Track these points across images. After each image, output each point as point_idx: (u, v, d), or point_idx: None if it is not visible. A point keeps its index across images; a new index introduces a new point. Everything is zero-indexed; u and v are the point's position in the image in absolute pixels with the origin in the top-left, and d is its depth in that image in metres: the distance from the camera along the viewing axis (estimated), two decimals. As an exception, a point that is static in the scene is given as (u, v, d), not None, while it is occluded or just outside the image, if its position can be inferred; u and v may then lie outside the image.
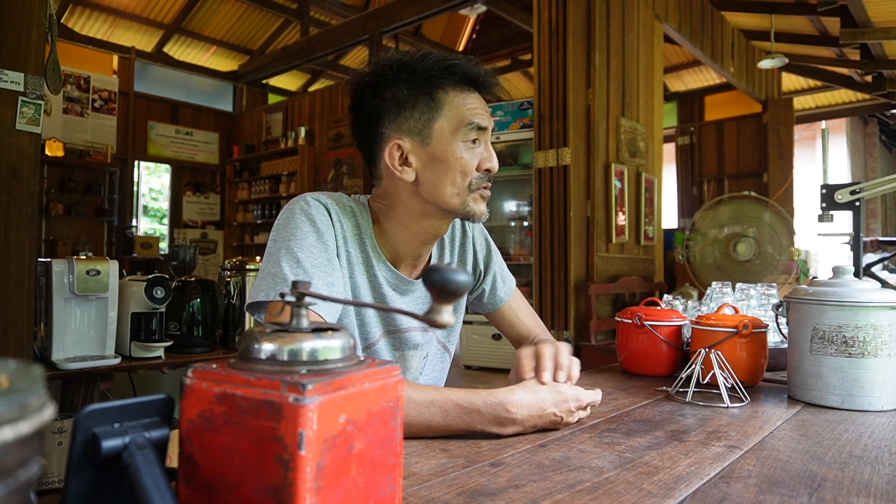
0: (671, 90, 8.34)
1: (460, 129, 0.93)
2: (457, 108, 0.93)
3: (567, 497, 0.59)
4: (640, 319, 1.26)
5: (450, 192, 0.94)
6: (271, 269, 0.89)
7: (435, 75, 0.93)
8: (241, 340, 0.47)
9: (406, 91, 0.93)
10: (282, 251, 0.89)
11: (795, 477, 0.66)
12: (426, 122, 0.93)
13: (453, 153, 0.93)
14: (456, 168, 0.93)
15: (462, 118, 0.93)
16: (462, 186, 0.94)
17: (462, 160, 0.93)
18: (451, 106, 0.93)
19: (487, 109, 0.96)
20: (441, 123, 0.93)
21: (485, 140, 0.96)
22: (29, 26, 2.11)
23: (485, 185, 0.96)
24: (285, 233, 0.91)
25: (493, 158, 0.96)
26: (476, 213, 0.96)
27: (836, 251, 5.69)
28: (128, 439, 0.41)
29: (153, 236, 7.65)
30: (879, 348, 0.98)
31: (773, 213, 3.63)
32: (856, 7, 4.17)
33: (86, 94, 6.75)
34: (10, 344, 2.04)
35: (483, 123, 0.94)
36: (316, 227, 0.92)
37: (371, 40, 6.23)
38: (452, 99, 0.93)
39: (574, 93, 3.89)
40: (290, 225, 0.92)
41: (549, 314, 3.92)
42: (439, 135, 0.93)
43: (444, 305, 0.49)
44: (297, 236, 0.90)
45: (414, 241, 1.00)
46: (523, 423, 0.80)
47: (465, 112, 0.93)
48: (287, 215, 0.94)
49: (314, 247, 0.90)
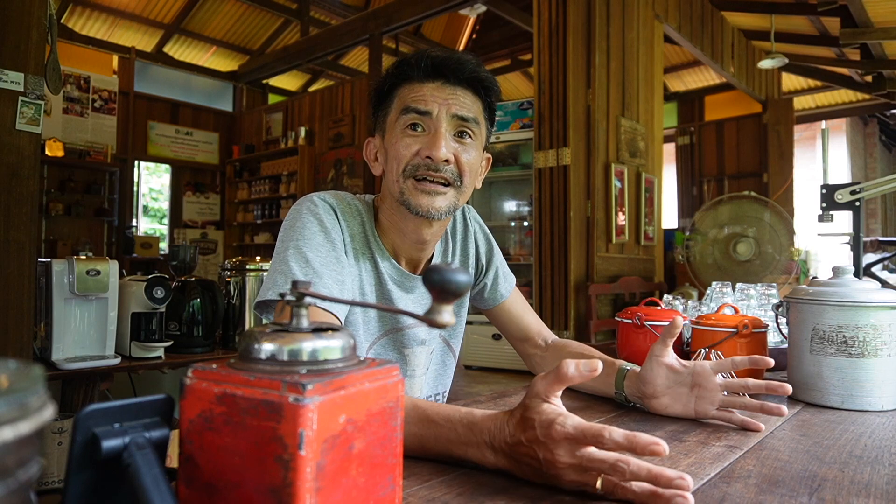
0: (671, 90, 8.34)
1: (399, 116, 0.92)
2: (402, 97, 0.93)
3: (567, 497, 0.59)
4: (640, 319, 1.26)
5: (390, 181, 0.93)
6: (280, 268, 0.89)
7: (395, 72, 0.94)
8: (241, 340, 0.47)
9: (380, 91, 0.97)
10: (290, 250, 0.90)
11: (795, 477, 0.66)
12: (384, 117, 0.96)
13: (392, 141, 0.93)
14: (391, 156, 0.93)
15: (402, 105, 0.92)
16: (398, 174, 0.91)
17: (395, 147, 0.91)
18: (399, 97, 0.93)
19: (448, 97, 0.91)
20: (391, 116, 0.94)
21: (433, 127, 0.90)
22: (29, 26, 2.11)
23: (428, 176, 0.90)
24: (293, 232, 0.92)
25: (438, 146, 0.88)
26: (415, 206, 0.90)
27: (836, 251, 5.69)
28: (128, 439, 0.41)
29: (153, 236, 7.65)
30: (879, 348, 0.98)
31: (773, 213, 3.64)
32: (856, 7, 4.17)
33: (86, 94, 6.75)
34: (10, 344, 2.04)
35: (422, 108, 0.90)
36: (323, 227, 0.92)
37: (371, 40, 6.23)
38: (402, 91, 0.93)
39: (574, 93, 3.89)
40: (297, 225, 0.92)
41: (549, 314, 3.91)
42: (388, 126, 0.94)
43: (445, 305, 0.49)
44: (304, 236, 0.90)
45: (404, 239, 0.99)
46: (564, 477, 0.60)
47: (405, 100, 0.92)
48: (294, 215, 0.94)
49: (322, 246, 0.90)
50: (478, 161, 0.97)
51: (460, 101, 0.92)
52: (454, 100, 0.91)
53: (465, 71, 0.92)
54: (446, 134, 0.91)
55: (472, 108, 0.93)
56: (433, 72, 0.92)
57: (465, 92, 0.93)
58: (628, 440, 0.55)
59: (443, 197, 0.91)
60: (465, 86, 0.93)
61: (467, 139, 0.93)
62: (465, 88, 0.93)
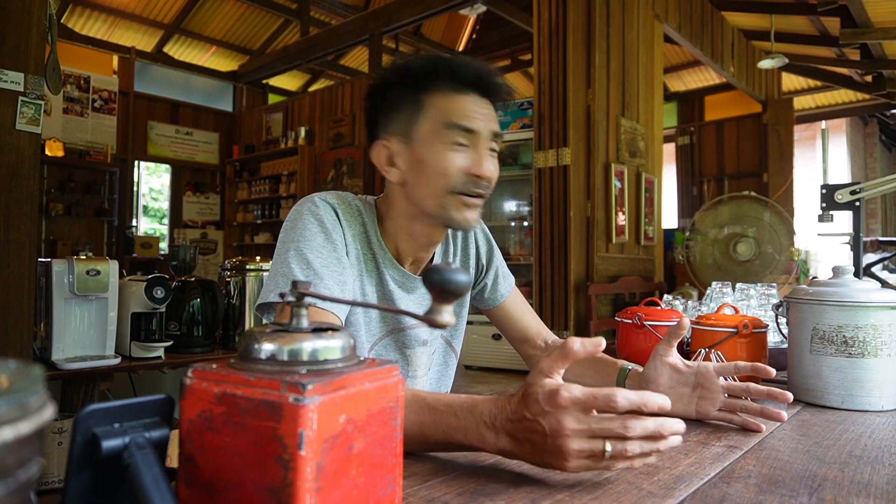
0: (671, 90, 8.34)
1: (441, 130, 0.89)
2: (440, 109, 0.90)
3: (567, 497, 0.59)
4: (640, 319, 1.26)
5: (427, 194, 0.91)
6: (281, 269, 0.89)
7: (422, 76, 0.91)
8: (241, 340, 0.47)
9: (395, 92, 0.93)
10: (291, 252, 0.89)
11: (795, 477, 0.66)
12: (410, 124, 0.92)
13: (433, 155, 0.90)
14: (432, 170, 0.90)
15: (444, 119, 0.89)
16: (440, 190, 0.90)
17: (439, 162, 0.89)
18: (434, 107, 0.90)
19: (487, 113, 0.92)
20: (424, 125, 0.91)
21: (477, 144, 0.90)
22: (29, 26, 2.11)
23: (473, 193, 0.90)
24: (294, 234, 0.91)
25: (485, 164, 0.90)
26: (457, 221, 0.91)
27: (836, 251, 5.69)
28: (128, 439, 0.41)
29: (153, 236, 7.65)
30: (879, 348, 0.98)
31: (773, 213, 3.64)
32: (856, 7, 4.17)
33: (86, 94, 6.75)
34: (10, 344, 2.04)
35: (470, 126, 0.89)
36: (324, 228, 0.92)
37: (371, 40, 6.23)
38: (438, 100, 0.90)
39: (574, 93, 3.89)
40: (298, 226, 0.92)
41: (549, 314, 3.91)
42: (421, 136, 0.91)
43: (445, 305, 0.49)
44: (305, 237, 0.90)
45: (412, 243, 0.99)
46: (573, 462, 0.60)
47: (448, 113, 0.89)
48: (295, 217, 0.94)
49: (323, 247, 0.90)
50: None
51: (494, 117, 0.93)
52: (492, 116, 0.92)
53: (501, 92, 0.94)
54: (487, 151, 0.92)
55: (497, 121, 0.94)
56: (472, 85, 0.91)
57: (492, 107, 0.94)
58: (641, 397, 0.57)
59: (479, 209, 0.93)
60: (492, 100, 0.94)
61: (495, 153, 0.94)
62: (492, 103, 0.94)
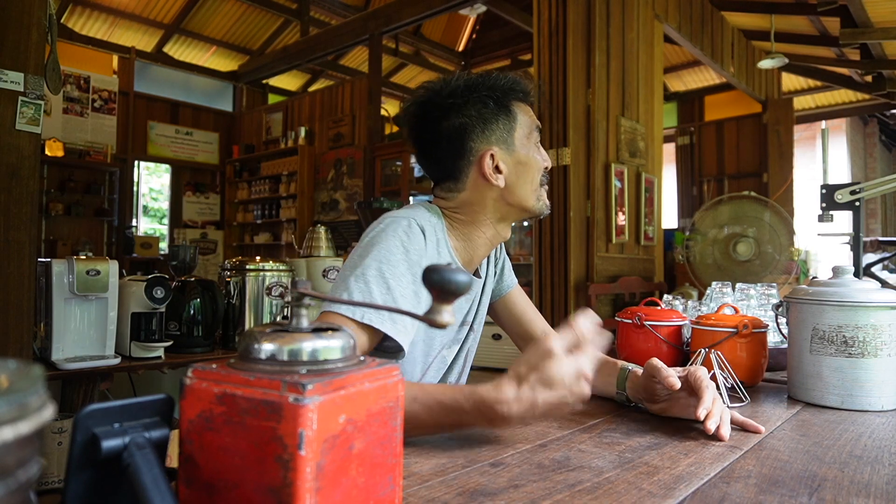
0: (671, 90, 8.34)
1: (531, 133, 1.07)
2: (528, 115, 1.08)
3: (567, 497, 0.59)
4: (640, 319, 1.26)
5: (530, 190, 1.06)
6: (361, 286, 0.87)
7: (507, 91, 1.06)
8: (241, 340, 0.47)
9: (491, 106, 1.04)
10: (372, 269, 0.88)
11: (795, 477, 0.66)
12: (509, 132, 1.05)
13: (531, 155, 1.06)
14: (533, 168, 1.06)
15: (531, 124, 1.08)
16: (537, 184, 1.06)
17: (537, 160, 1.06)
18: (522, 115, 1.07)
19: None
20: (519, 131, 1.06)
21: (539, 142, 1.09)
22: (29, 26, 2.11)
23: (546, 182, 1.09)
24: (377, 252, 0.90)
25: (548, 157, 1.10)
26: (546, 209, 1.09)
27: (836, 251, 5.69)
28: (128, 439, 0.41)
29: (153, 236, 7.64)
30: (879, 348, 0.98)
31: (773, 213, 3.64)
32: (856, 7, 4.17)
33: (86, 94, 6.75)
34: (10, 344, 2.03)
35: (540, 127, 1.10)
36: (409, 257, 0.91)
37: (371, 40, 6.23)
38: (522, 109, 1.07)
39: (574, 93, 3.88)
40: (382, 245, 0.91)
41: (550, 314, 3.91)
42: (519, 141, 1.05)
43: (445, 305, 0.49)
44: (390, 261, 0.90)
45: (487, 245, 1.08)
46: (518, 420, 0.71)
47: (530, 119, 1.08)
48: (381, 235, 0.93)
49: (404, 276, 0.90)
50: None
51: None
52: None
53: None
54: None
55: None
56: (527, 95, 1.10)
57: None
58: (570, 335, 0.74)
59: None
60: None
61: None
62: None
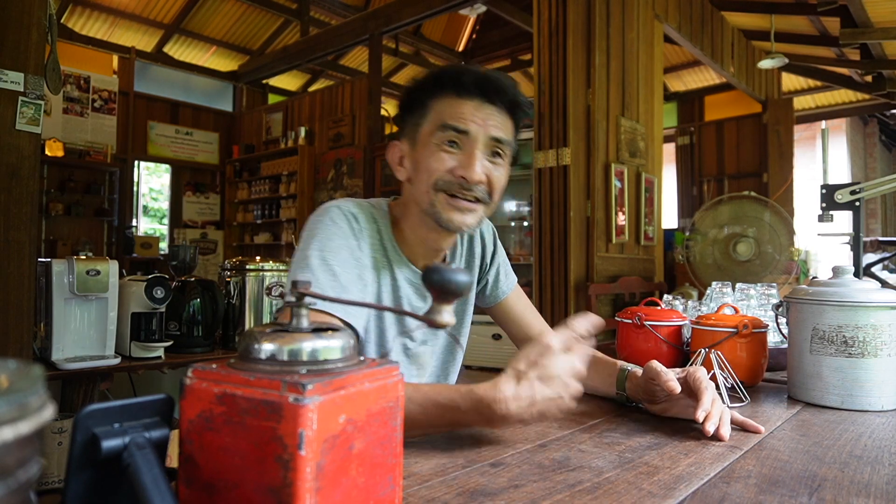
0: (671, 90, 8.34)
1: (436, 131, 0.93)
2: (439, 112, 0.93)
3: (567, 497, 0.59)
4: (640, 319, 1.26)
5: (421, 192, 0.94)
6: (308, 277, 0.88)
7: (430, 83, 0.95)
8: (241, 340, 0.47)
9: (409, 99, 0.98)
10: (315, 260, 0.89)
11: (795, 477, 0.66)
12: (416, 127, 0.96)
13: (426, 154, 0.93)
14: (423, 168, 0.93)
15: (439, 120, 0.93)
16: (430, 187, 0.93)
17: (429, 161, 0.93)
18: (435, 110, 0.94)
19: (487, 118, 0.92)
20: (425, 127, 0.95)
21: (469, 147, 0.92)
22: (29, 26, 2.11)
23: (460, 194, 0.92)
24: (317, 242, 0.91)
25: (473, 166, 0.90)
26: (445, 221, 0.93)
27: (836, 251, 5.68)
28: (128, 439, 0.41)
29: (153, 236, 7.64)
30: (879, 348, 0.98)
31: (773, 213, 3.63)
32: (856, 7, 4.17)
33: (86, 94, 6.74)
34: (10, 344, 2.03)
35: (461, 127, 0.91)
36: (348, 241, 0.93)
37: (371, 40, 6.22)
38: (439, 104, 0.94)
39: (574, 93, 3.88)
40: (321, 235, 0.92)
41: (549, 314, 3.91)
42: (422, 137, 0.95)
43: (445, 305, 0.49)
44: (330, 248, 0.91)
45: (423, 246, 1.01)
46: (516, 418, 0.72)
47: (444, 115, 0.92)
48: (316, 225, 0.94)
49: (347, 261, 0.91)
50: (506, 177, 0.98)
51: (497, 123, 0.93)
52: (492, 121, 0.93)
53: (507, 95, 0.94)
54: (481, 154, 0.92)
55: (506, 129, 0.95)
56: (475, 90, 0.92)
57: (501, 113, 0.94)
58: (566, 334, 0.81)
59: (473, 214, 0.94)
60: (502, 107, 0.94)
61: (498, 159, 0.95)
62: (501, 110, 0.94)
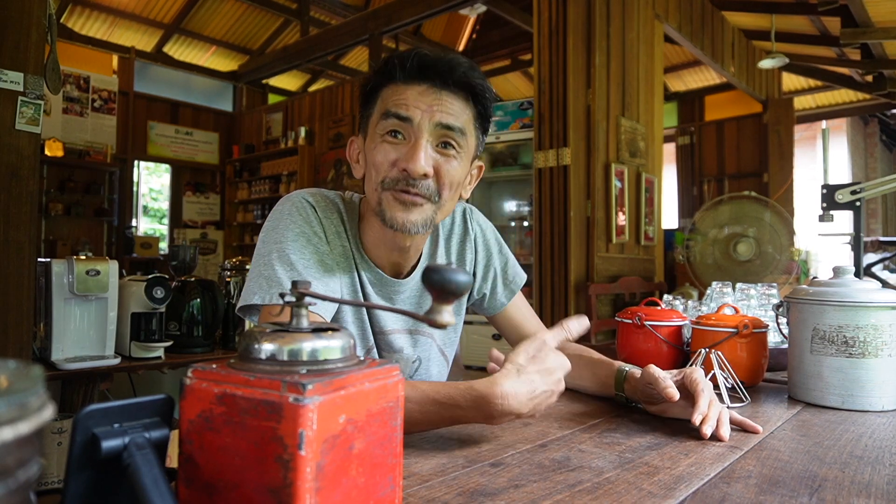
0: (671, 90, 8.33)
1: (379, 120, 0.85)
2: (384, 99, 0.85)
3: (567, 497, 0.59)
4: (641, 319, 1.26)
5: (370, 190, 0.88)
6: (264, 271, 0.87)
7: (379, 71, 0.87)
8: (241, 340, 0.47)
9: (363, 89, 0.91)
10: (273, 254, 0.87)
11: (796, 477, 0.66)
12: (367, 118, 0.90)
13: (371, 146, 0.87)
14: (370, 163, 0.87)
15: (383, 108, 0.85)
16: (377, 185, 0.86)
17: (373, 154, 0.85)
18: (382, 98, 0.86)
19: (432, 103, 0.83)
20: (373, 118, 0.88)
21: (413, 135, 0.83)
22: (29, 26, 2.11)
23: (402, 189, 0.84)
24: (276, 234, 0.89)
25: (415, 157, 0.81)
26: (389, 220, 0.85)
27: (837, 251, 5.69)
28: (128, 439, 0.41)
29: (153, 236, 7.65)
30: (880, 348, 0.98)
31: (774, 213, 3.63)
32: (856, 7, 4.17)
33: (85, 94, 6.74)
34: (10, 344, 2.03)
35: (402, 113, 0.82)
36: (305, 230, 0.89)
37: (371, 40, 6.22)
38: (386, 91, 0.86)
39: (574, 93, 3.88)
40: (280, 226, 0.89)
41: (549, 314, 3.91)
42: (370, 129, 0.88)
43: (445, 305, 0.48)
44: (287, 238, 0.88)
45: (383, 246, 0.94)
46: (515, 413, 0.71)
47: (387, 103, 0.84)
48: (276, 217, 0.91)
49: (305, 248, 0.88)
50: (462, 173, 0.89)
51: (446, 108, 0.84)
52: (439, 106, 0.83)
53: (455, 74, 0.84)
54: (427, 144, 0.83)
55: (460, 116, 0.85)
56: (419, 74, 0.84)
57: (453, 98, 0.85)
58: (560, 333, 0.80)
59: (419, 210, 0.85)
60: (455, 91, 0.85)
61: (451, 150, 0.85)
62: (453, 94, 0.85)
